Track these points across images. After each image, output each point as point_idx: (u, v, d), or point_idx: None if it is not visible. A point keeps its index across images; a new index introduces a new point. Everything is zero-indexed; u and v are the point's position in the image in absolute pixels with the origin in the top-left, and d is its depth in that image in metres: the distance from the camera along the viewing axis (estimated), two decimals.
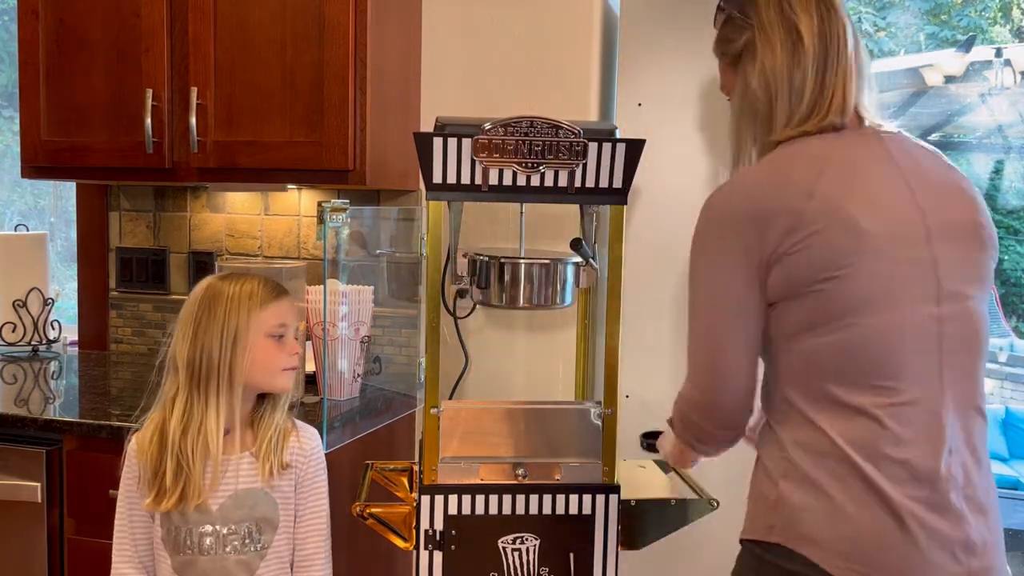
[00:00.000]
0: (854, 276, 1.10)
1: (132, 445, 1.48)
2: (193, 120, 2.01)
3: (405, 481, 1.75)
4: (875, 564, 1.08)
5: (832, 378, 1.12)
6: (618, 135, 1.51)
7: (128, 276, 2.52)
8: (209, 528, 1.43)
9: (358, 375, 2.03)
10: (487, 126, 1.44)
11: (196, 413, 1.42)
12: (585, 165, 1.47)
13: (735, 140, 1.27)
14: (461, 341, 1.93)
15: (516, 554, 1.53)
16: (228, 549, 1.45)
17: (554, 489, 1.54)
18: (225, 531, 1.44)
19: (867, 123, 1.20)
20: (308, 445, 1.53)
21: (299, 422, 1.55)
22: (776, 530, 1.14)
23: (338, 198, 2.35)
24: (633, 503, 1.58)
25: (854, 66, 1.20)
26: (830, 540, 1.09)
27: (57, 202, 4.90)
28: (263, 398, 1.51)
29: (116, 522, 1.48)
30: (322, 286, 1.99)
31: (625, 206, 1.53)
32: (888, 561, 1.08)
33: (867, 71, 1.22)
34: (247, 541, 1.46)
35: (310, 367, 2.03)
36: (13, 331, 2.47)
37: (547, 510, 1.54)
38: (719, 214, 1.17)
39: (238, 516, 1.45)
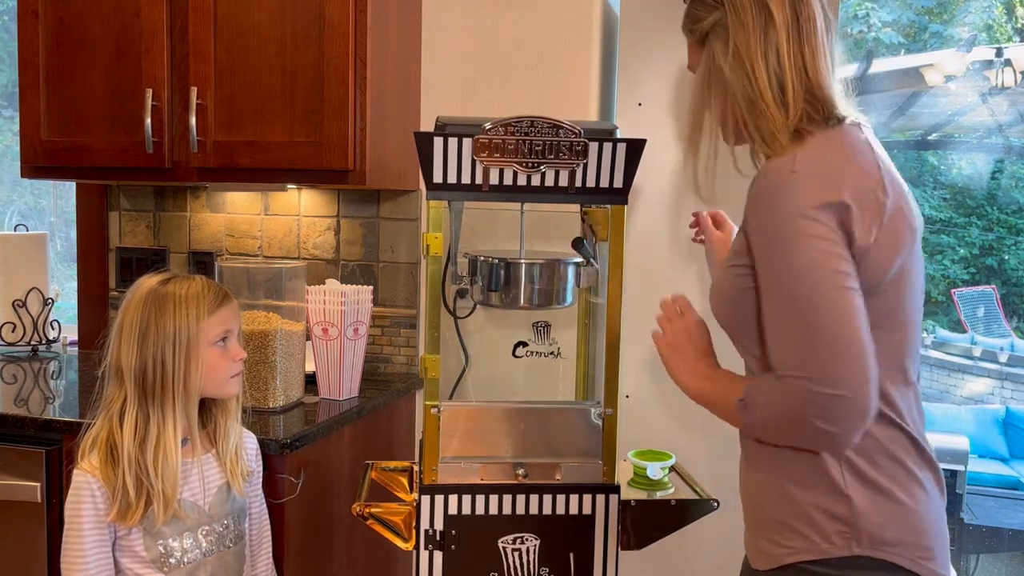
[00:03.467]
0: (908, 274, 1.14)
1: (82, 478, 1.37)
2: (193, 120, 2.01)
3: (405, 481, 1.75)
4: (938, 536, 1.16)
5: (888, 377, 1.13)
6: (618, 135, 1.51)
7: (128, 276, 2.51)
8: (207, 528, 1.44)
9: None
10: (487, 126, 1.44)
11: (153, 426, 1.38)
12: (585, 165, 1.47)
13: (696, 115, 1.24)
14: (461, 341, 1.93)
15: (516, 554, 1.53)
16: (227, 544, 1.47)
17: (554, 489, 1.54)
18: (220, 528, 1.46)
19: (840, 114, 1.17)
20: (252, 445, 1.59)
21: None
22: (860, 543, 1.12)
23: (338, 198, 2.35)
24: (633, 503, 1.58)
25: (826, 50, 1.17)
26: (909, 537, 1.13)
27: (57, 202, 4.91)
28: (206, 400, 1.49)
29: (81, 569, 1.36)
30: (323, 286, 1.99)
31: (626, 206, 1.53)
32: (942, 530, 1.17)
33: (837, 57, 1.20)
34: (236, 534, 1.49)
35: (310, 367, 2.03)
36: (13, 331, 2.47)
37: (547, 510, 1.54)
38: (806, 200, 1.07)
39: (224, 511, 1.47)
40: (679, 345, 1.30)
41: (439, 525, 1.52)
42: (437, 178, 1.46)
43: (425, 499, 1.51)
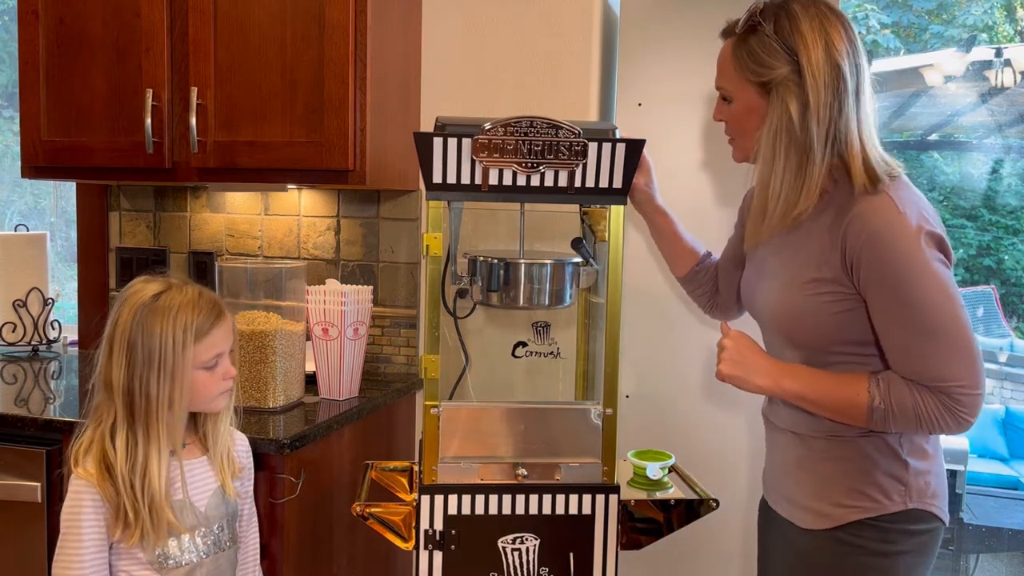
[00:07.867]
0: None
1: (82, 485, 1.35)
2: (193, 120, 2.01)
3: (405, 481, 1.75)
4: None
5: None
6: (618, 135, 1.51)
7: (128, 276, 2.51)
8: (203, 531, 1.43)
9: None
10: (487, 126, 1.44)
11: (140, 449, 1.36)
12: (585, 165, 1.47)
13: (768, 158, 1.32)
14: (461, 341, 1.92)
15: (516, 554, 1.53)
16: (222, 547, 1.46)
17: (554, 489, 1.54)
18: (216, 531, 1.45)
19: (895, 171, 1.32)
20: (243, 445, 1.58)
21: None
22: (912, 498, 1.32)
23: (338, 198, 2.35)
24: (633, 503, 1.58)
25: (873, 117, 1.32)
26: (941, 490, 1.36)
27: (57, 202, 4.91)
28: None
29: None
30: (323, 286, 1.99)
31: (625, 206, 1.53)
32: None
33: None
34: (230, 537, 1.49)
35: (310, 367, 2.03)
36: (13, 331, 2.47)
37: (547, 510, 1.54)
38: (919, 234, 1.23)
39: (218, 514, 1.47)
40: (741, 359, 1.36)
41: (439, 525, 1.52)
42: (437, 178, 1.46)
43: (425, 499, 1.51)
